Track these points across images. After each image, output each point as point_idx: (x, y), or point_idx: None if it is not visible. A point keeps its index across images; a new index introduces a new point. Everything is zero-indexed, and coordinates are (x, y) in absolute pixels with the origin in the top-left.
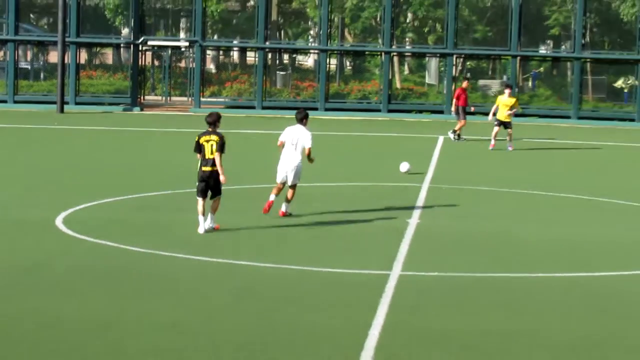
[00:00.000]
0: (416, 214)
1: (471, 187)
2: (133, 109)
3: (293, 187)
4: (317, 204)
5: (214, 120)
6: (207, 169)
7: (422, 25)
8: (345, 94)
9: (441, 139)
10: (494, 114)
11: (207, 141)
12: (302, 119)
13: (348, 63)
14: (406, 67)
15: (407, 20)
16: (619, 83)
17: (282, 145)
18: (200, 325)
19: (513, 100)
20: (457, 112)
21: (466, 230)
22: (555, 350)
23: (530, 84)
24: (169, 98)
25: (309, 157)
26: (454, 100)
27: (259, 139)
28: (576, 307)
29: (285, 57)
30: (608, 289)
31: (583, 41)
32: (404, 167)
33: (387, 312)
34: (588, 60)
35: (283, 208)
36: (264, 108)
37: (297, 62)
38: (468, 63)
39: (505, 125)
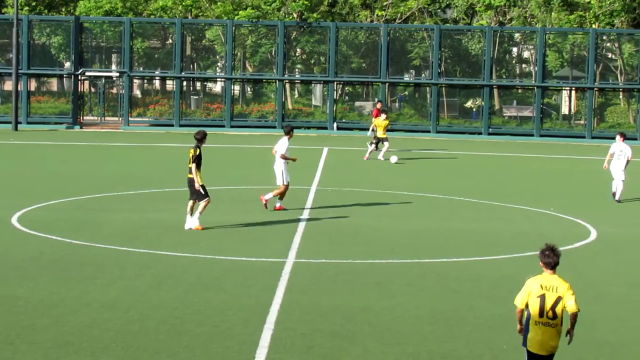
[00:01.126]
0: (306, 211)
1: (351, 189)
2: (74, 127)
3: (282, 186)
4: (224, 205)
5: (200, 137)
6: (189, 175)
7: (308, 58)
8: (247, 114)
9: (325, 150)
10: (373, 130)
11: (190, 153)
12: (287, 132)
13: (249, 89)
14: (296, 91)
15: (297, 54)
16: (469, 104)
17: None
18: (129, 304)
19: (387, 122)
20: (373, 130)
21: (347, 224)
22: (414, 321)
23: (397, 105)
24: (103, 118)
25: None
26: (373, 119)
27: (177, 151)
28: (433, 287)
29: (198, 84)
30: (462, 272)
31: (439, 70)
32: (394, 159)
33: (284, 292)
34: (443, 85)
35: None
36: (180, 126)
37: (207, 88)
38: (346, 88)
39: (381, 140)
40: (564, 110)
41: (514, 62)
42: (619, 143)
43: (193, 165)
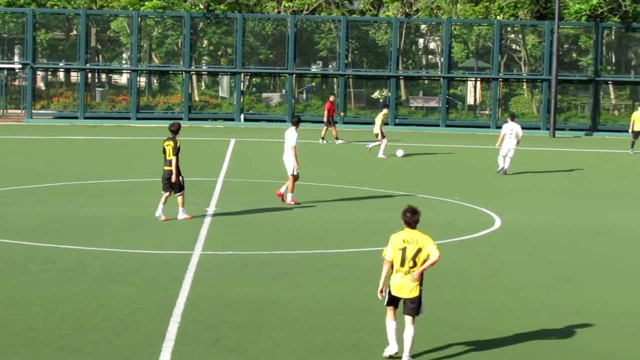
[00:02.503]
0: (213, 203)
1: (259, 180)
2: None
3: (290, 176)
4: (131, 197)
5: (175, 129)
6: (167, 168)
7: (215, 49)
8: (153, 106)
9: (233, 141)
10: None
11: (167, 145)
12: (295, 122)
13: (155, 80)
14: (203, 83)
15: (204, 45)
16: (376, 94)
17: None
18: (32, 298)
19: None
20: (328, 122)
21: (254, 216)
22: (322, 312)
23: (304, 96)
24: (5, 110)
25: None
26: (325, 112)
27: (82, 144)
28: (341, 277)
29: (103, 76)
30: (369, 262)
31: (346, 61)
32: (400, 152)
33: (191, 285)
34: (350, 76)
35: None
36: (85, 118)
37: (112, 80)
38: (254, 80)
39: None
40: (469, 100)
41: (420, 53)
42: (510, 123)
43: (174, 158)
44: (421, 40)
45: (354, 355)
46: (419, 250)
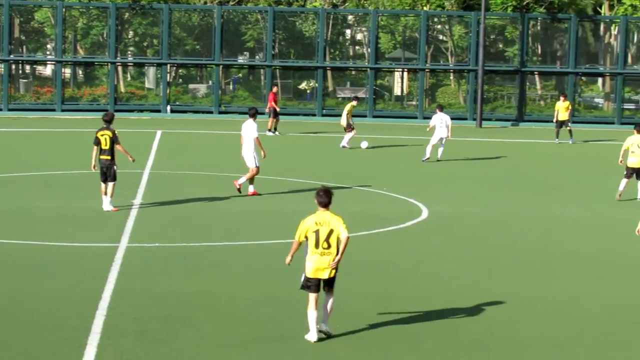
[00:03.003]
0: (139, 195)
1: (186, 172)
2: None
3: (253, 168)
4: (57, 190)
5: (110, 119)
6: (102, 157)
7: (141, 40)
8: (78, 97)
9: (159, 133)
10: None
11: (102, 135)
12: (253, 114)
13: (80, 72)
14: (129, 74)
15: (129, 37)
16: (303, 85)
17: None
18: None
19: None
20: (270, 113)
21: (182, 208)
22: (250, 303)
23: (231, 87)
24: None
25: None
26: (269, 103)
27: (6, 136)
28: (269, 269)
29: (27, 67)
30: (298, 253)
31: (273, 52)
32: (364, 144)
33: (117, 278)
34: (278, 67)
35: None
36: (9, 110)
37: (37, 71)
38: (180, 71)
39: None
40: (397, 91)
41: (347, 44)
42: (439, 114)
43: (120, 146)
44: (348, 31)
45: (282, 346)
46: (331, 231)
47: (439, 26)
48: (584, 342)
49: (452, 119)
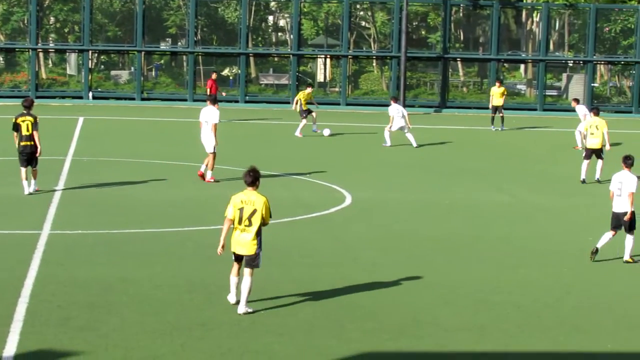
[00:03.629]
0: (61, 182)
1: (108, 158)
2: None
3: (211, 154)
4: None
5: (29, 104)
6: (25, 143)
7: (62, 26)
8: None
9: (81, 119)
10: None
11: (23, 121)
12: (214, 100)
13: (1, 58)
14: (50, 61)
15: (50, 23)
16: (226, 72)
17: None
18: None
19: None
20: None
21: (104, 194)
22: (173, 290)
23: (153, 73)
24: None
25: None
26: (208, 90)
27: None
28: (191, 255)
29: None
30: (218, 240)
31: (196, 38)
32: (327, 132)
33: (40, 265)
34: (200, 54)
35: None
36: None
37: None
38: (102, 57)
39: (309, 112)
40: (319, 77)
41: (270, 30)
42: (394, 105)
43: (35, 133)
44: (271, 18)
45: (205, 332)
46: (255, 211)
47: (361, 12)
48: (506, 327)
49: (374, 105)
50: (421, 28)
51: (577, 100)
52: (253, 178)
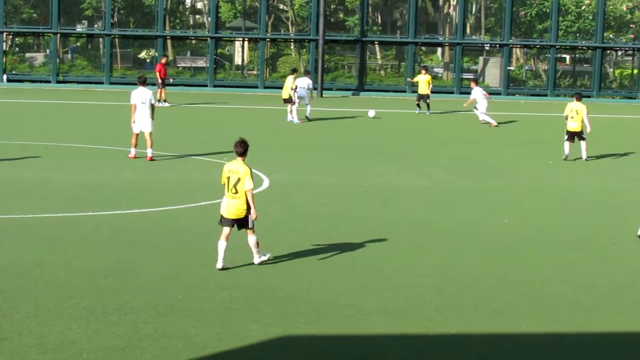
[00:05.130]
0: None
1: (20, 142)
2: None
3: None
4: None
5: None
6: None
7: None
8: None
9: None
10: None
11: None
12: (143, 82)
13: None
14: None
15: None
16: (143, 54)
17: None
18: None
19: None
20: (161, 83)
21: (16, 178)
22: (88, 275)
23: (69, 56)
24: None
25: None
26: (157, 74)
27: None
28: (107, 240)
29: None
30: (136, 224)
31: (112, 21)
32: (371, 113)
33: None
34: (117, 36)
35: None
36: None
37: None
38: (16, 39)
39: (289, 100)
40: (237, 60)
41: (187, 13)
42: (304, 78)
43: None
44: (188, 0)
45: (120, 318)
46: (239, 180)
47: None
48: (423, 310)
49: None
50: (339, 11)
51: (475, 82)
52: (243, 149)
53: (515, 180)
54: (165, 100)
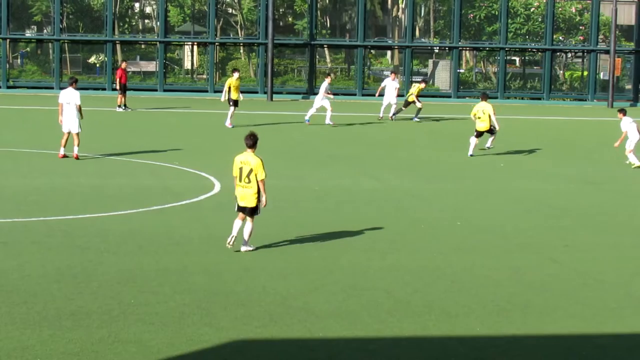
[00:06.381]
0: None
1: None
2: None
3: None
4: None
5: None
6: None
7: None
8: None
9: None
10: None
11: None
12: (73, 82)
13: None
14: None
15: None
16: (92, 59)
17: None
18: None
19: (238, 82)
20: (120, 89)
21: None
22: (41, 280)
23: (19, 61)
24: None
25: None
26: (117, 79)
27: None
28: (59, 244)
29: None
30: (88, 229)
31: (61, 26)
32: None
33: None
34: (66, 41)
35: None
36: None
37: None
38: None
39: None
40: (187, 65)
41: (136, 17)
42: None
43: None
44: (137, 5)
45: (74, 322)
46: (251, 170)
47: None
48: (376, 313)
49: (243, 92)
50: (288, 15)
51: (394, 73)
52: (252, 141)
53: (466, 183)
54: (125, 106)
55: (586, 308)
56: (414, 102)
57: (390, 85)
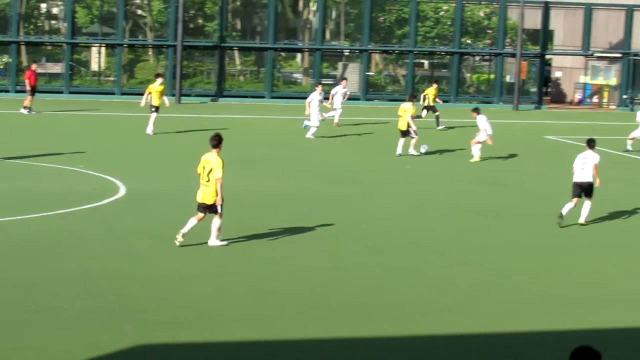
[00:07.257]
0: None
1: None
2: None
3: None
4: None
5: None
6: None
7: None
8: None
9: None
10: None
11: None
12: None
13: None
14: None
15: None
16: None
17: None
18: None
19: (162, 87)
20: (30, 90)
21: None
22: None
23: None
24: None
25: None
26: (27, 81)
27: None
28: None
29: None
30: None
31: None
32: (424, 148)
33: None
34: None
35: None
36: None
37: None
38: None
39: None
40: (94, 66)
41: (42, 18)
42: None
43: None
44: (44, 5)
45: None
46: (211, 169)
47: (137, 1)
48: (282, 315)
49: (139, 94)
50: (198, 17)
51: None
52: (216, 142)
53: (373, 185)
54: (30, 108)
55: (494, 307)
56: (433, 107)
57: (341, 92)
